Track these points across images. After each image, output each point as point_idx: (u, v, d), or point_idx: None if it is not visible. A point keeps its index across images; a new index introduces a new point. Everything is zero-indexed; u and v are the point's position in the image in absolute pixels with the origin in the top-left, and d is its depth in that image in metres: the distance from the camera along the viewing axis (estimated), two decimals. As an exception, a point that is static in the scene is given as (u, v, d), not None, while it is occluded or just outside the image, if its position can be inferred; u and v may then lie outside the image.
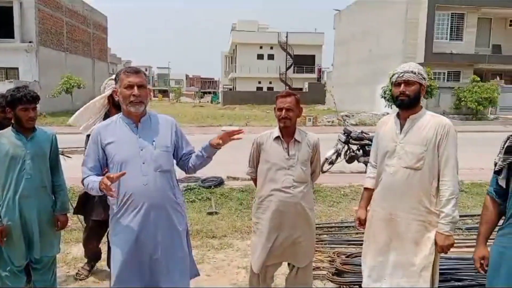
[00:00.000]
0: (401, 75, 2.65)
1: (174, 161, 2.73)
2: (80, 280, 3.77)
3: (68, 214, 3.26)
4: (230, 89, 52.40)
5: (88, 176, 2.53)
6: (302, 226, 3.00)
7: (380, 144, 2.83)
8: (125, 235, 2.49)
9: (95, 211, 3.67)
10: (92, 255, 3.95)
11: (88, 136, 3.59)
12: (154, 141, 2.55)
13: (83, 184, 2.58)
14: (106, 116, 3.68)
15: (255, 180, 3.20)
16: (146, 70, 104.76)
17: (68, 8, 29.15)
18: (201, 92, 69.40)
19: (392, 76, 2.72)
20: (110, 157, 2.52)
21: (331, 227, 5.24)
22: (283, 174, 2.95)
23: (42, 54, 25.03)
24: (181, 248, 2.62)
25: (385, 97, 19.44)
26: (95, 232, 3.83)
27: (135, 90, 2.48)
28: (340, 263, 3.89)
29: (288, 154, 2.96)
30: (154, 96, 65.35)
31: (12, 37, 24.33)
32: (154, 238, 2.51)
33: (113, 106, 3.67)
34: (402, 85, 2.65)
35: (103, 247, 4.14)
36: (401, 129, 2.71)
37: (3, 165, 2.89)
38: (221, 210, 6.05)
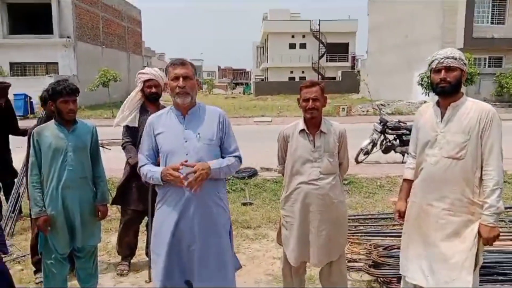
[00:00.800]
0: (441, 61, 2.55)
1: None
2: (122, 275, 3.83)
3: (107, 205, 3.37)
4: (262, 80, 52.29)
5: (145, 164, 2.61)
6: (331, 218, 2.95)
7: (420, 134, 2.74)
8: (165, 224, 2.55)
9: (132, 201, 3.78)
10: (127, 250, 3.96)
11: (125, 126, 3.72)
12: (199, 133, 2.56)
13: (139, 172, 2.67)
14: (142, 108, 3.78)
15: (284, 174, 3.15)
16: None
17: (103, 3, 29.84)
18: (233, 83, 69.66)
19: (432, 62, 2.62)
20: (160, 147, 2.59)
21: (367, 219, 5.16)
22: (309, 167, 2.91)
23: (80, 49, 25.82)
24: (219, 241, 2.61)
25: (422, 85, 18.83)
26: (132, 222, 3.92)
27: (180, 82, 2.51)
28: (377, 255, 3.83)
29: (314, 146, 2.91)
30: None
31: (51, 33, 25.22)
32: (192, 229, 2.53)
33: (146, 99, 3.77)
34: (443, 72, 2.54)
35: (140, 237, 4.25)
36: (441, 118, 2.61)
37: (47, 156, 3.01)
38: (255, 200, 6.09)
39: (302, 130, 2.94)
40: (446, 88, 2.55)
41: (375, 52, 33.81)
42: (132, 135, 3.75)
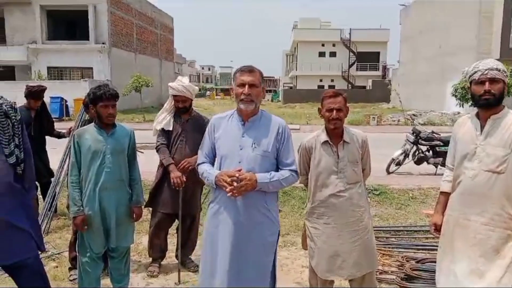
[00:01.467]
0: (485, 73, 2.48)
1: None
2: (153, 277, 3.88)
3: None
4: (291, 88, 52.25)
5: (203, 163, 2.69)
6: (362, 228, 2.90)
7: (459, 146, 2.66)
8: (212, 226, 2.62)
9: (163, 204, 3.84)
10: (158, 252, 4.02)
11: (161, 129, 3.83)
12: (254, 142, 2.56)
13: (197, 168, 2.75)
14: (176, 113, 3.93)
15: (307, 185, 3.09)
16: (209, 69, 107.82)
17: (137, 10, 30.64)
18: (262, 90, 69.74)
19: (474, 73, 2.55)
20: (217, 149, 2.65)
21: (399, 231, 5.06)
22: (335, 178, 2.85)
23: (114, 55, 26.55)
24: (257, 253, 2.59)
25: (456, 96, 18.37)
26: (163, 225, 3.98)
27: (246, 89, 2.53)
28: (410, 268, 3.74)
29: (338, 157, 2.86)
30: (216, 95, 66.81)
31: (87, 39, 26.05)
32: (238, 236, 2.55)
33: (176, 108, 3.91)
34: (487, 84, 2.47)
35: (170, 240, 4.30)
36: (481, 130, 2.54)
37: (86, 158, 3.10)
38: (283, 208, 6.06)
39: (325, 142, 2.87)
40: (491, 100, 2.48)
41: (407, 61, 33.27)
42: (166, 138, 3.87)
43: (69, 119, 20.26)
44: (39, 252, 3.00)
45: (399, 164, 8.66)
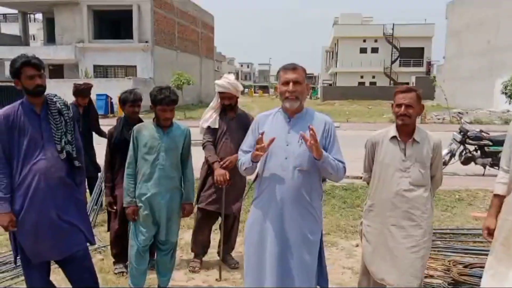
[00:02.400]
0: None
1: None
2: (194, 272, 3.93)
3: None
4: (330, 84, 51.57)
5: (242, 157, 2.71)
6: (416, 234, 2.76)
7: (515, 147, 2.52)
8: (256, 223, 2.62)
9: (208, 201, 3.89)
10: (200, 249, 4.06)
11: (208, 127, 3.86)
12: (301, 139, 2.54)
13: (237, 166, 2.78)
14: (222, 111, 3.96)
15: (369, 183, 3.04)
16: (248, 67, 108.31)
17: (179, 9, 31.21)
18: (301, 87, 69.24)
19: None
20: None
21: (445, 234, 4.86)
22: (398, 176, 2.77)
23: (157, 53, 27.20)
24: (301, 251, 2.57)
25: (506, 93, 17.49)
26: (206, 222, 4.03)
27: (290, 86, 2.53)
28: (458, 273, 3.59)
29: (405, 155, 2.77)
30: (255, 92, 67.07)
31: (131, 37, 26.83)
32: (282, 234, 2.54)
33: (222, 105, 3.94)
34: None
35: (213, 236, 4.34)
36: (541, 130, 2.39)
37: (142, 153, 3.23)
38: (323, 207, 5.96)
39: (394, 137, 2.81)
40: None
41: (453, 57, 32.00)
42: (212, 135, 3.91)
43: (113, 116, 20.93)
44: (88, 245, 3.12)
45: (444, 164, 8.34)
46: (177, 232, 3.43)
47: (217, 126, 3.89)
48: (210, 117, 3.93)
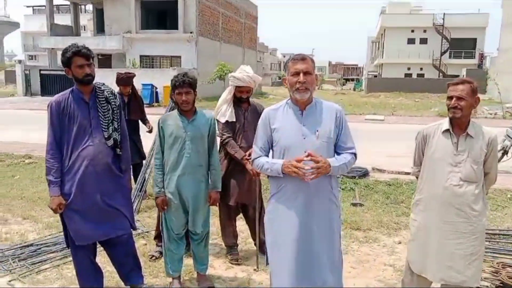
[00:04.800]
0: None
1: None
2: (238, 264, 3.94)
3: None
4: (375, 76, 50.25)
5: (259, 156, 2.66)
6: (465, 231, 2.67)
7: None
8: (285, 220, 2.57)
9: (231, 195, 3.87)
10: (232, 238, 4.06)
11: (226, 122, 3.81)
12: (317, 130, 2.54)
13: (252, 163, 2.74)
14: (235, 103, 3.90)
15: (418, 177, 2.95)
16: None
17: (224, 0, 31.34)
18: (343, 79, 68.11)
19: None
20: (275, 141, 2.61)
21: (494, 234, 4.64)
22: (449, 171, 2.68)
23: (201, 44, 27.52)
24: (333, 239, 2.60)
25: None
26: (231, 215, 4.04)
27: (301, 77, 2.49)
28: (507, 276, 3.42)
29: (457, 149, 2.68)
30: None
31: (176, 28, 27.27)
32: (308, 225, 2.53)
33: (235, 98, 3.89)
34: None
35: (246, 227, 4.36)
36: None
37: (168, 143, 3.26)
38: (365, 202, 5.86)
39: (446, 130, 2.73)
40: None
41: (508, 49, 30.22)
42: (231, 129, 3.85)
43: (158, 105, 21.47)
44: (131, 230, 3.23)
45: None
46: (206, 221, 3.44)
47: (234, 119, 3.84)
48: (226, 110, 3.84)
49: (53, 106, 2.91)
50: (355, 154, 2.64)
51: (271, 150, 2.68)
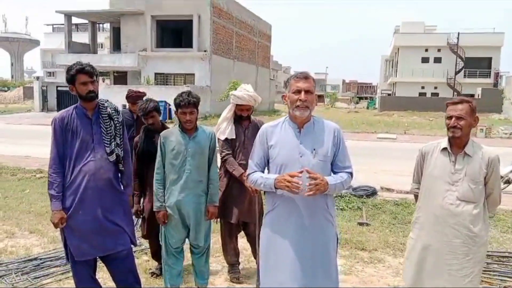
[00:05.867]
0: None
1: None
2: (239, 283, 3.92)
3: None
4: (389, 94, 50.06)
5: (254, 172, 2.67)
6: (459, 252, 2.64)
7: None
8: (279, 237, 2.56)
9: (231, 214, 3.86)
10: (233, 256, 4.04)
11: (225, 139, 3.82)
12: (314, 149, 2.55)
13: (247, 178, 2.74)
14: (235, 121, 3.92)
15: (417, 197, 2.95)
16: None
17: (238, 19, 31.84)
18: (357, 97, 68.01)
19: None
20: (272, 158, 2.62)
21: (504, 257, 4.52)
22: (445, 190, 2.67)
23: (214, 62, 27.88)
24: (325, 259, 2.57)
25: None
26: (232, 233, 4.02)
27: (302, 95, 2.52)
28: (515, 302, 3.32)
29: (454, 168, 2.67)
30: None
31: (191, 46, 27.72)
32: (302, 242, 2.51)
33: (236, 116, 3.91)
34: None
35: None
36: None
37: (169, 159, 3.30)
38: (372, 221, 5.78)
39: (445, 149, 2.74)
40: None
41: (525, 68, 29.88)
42: (230, 146, 3.87)
43: (171, 121, 21.69)
44: (132, 246, 3.24)
45: (508, 182, 7.77)
46: (207, 236, 3.46)
47: (234, 137, 3.86)
48: (226, 128, 3.87)
49: (57, 122, 2.97)
50: (351, 174, 2.64)
51: (267, 167, 2.68)
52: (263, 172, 2.67)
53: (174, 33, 30.61)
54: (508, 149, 12.68)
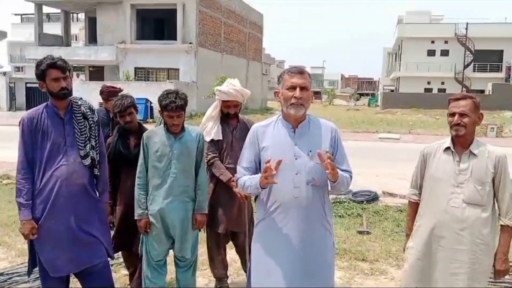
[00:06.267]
0: None
1: None
2: None
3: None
4: (392, 91, 50.44)
5: (242, 176, 2.67)
6: (464, 260, 2.67)
7: None
8: (269, 246, 2.58)
9: (218, 223, 3.85)
10: (222, 269, 4.04)
11: (211, 141, 3.80)
12: (310, 151, 2.55)
13: (236, 184, 2.74)
14: (222, 120, 3.91)
15: (414, 206, 2.96)
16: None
17: (226, 8, 31.84)
18: (357, 93, 68.39)
19: None
20: (265, 161, 2.58)
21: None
22: (450, 192, 2.69)
23: (201, 55, 27.85)
24: (321, 270, 2.60)
25: None
26: (220, 243, 4.02)
27: (297, 92, 2.52)
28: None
29: (459, 168, 2.70)
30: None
31: (175, 38, 27.66)
32: (300, 255, 2.53)
33: (224, 115, 3.91)
34: None
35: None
36: None
37: (153, 162, 3.29)
38: (373, 230, 5.83)
39: (448, 148, 2.77)
40: None
41: (539, 61, 30.31)
42: (216, 148, 3.85)
43: (153, 121, 21.61)
44: (109, 259, 3.23)
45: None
46: (194, 247, 3.45)
47: (221, 138, 3.83)
48: (211, 128, 3.84)
49: (25, 122, 2.96)
50: (351, 176, 2.67)
51: (259, 172, 2.66)
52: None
53: (156, 24, 30.51)
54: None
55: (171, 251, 3.49)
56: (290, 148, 2.56)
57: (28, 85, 28.66)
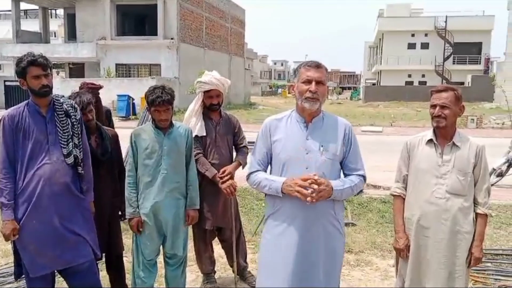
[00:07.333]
0: None
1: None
2: None
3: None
4: (374, 84, 50.87)
5: (257, 171, 2.65)
6: (454, 249, 2.74)
7: None
8: (278, 242, 2.57)
9: (206, 220, 3.82)
10: (209, 265, 4.05)
11: (195, 137, 3.72)
12: (322, 146, 2.54)
13: (247, 178, 2.72)
14: (205, 115, 3.88)
15: (399, 200, 2.97)
16: (282, 65, 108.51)
17: (208, 3, 31.63)
18: (340, 87, 68.78)
19: None
20: (276, 154, 2.61)
21: (497, 254, 4.68)
22: (434, 183, 2.74)
23: (182, 51, 27.64)
24: (330, 268, 2.58)
25: None
26: (207, 239, 4.01)
27: (313, 86, 2.51)
28: (509, 301, 3.45)
29: (442, 160, 2.74)
30: (289, 93, 66.97)
31: (156, 34, 27.40)
32: (308, 254, 2.53)
33: (207, 108, 3.89)
34: None
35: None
36: None
37: (142, 159, 3.26)
38: (358, 221, 5.89)
39: (430, 140, 2.81)
40: None
41: (516, 53, 30.88)
42: (200, 145, 3.82)
43: (135, 117, 21.41)
44: (95, 258, 3.19)
45: (501, 175, 8.05)
46: (185, 244, 3.43)
47: (204, 134, 3.80)
48: (195, 124, 3.80)
49: (6, 121, 2.90)
50: (364, 177, 2.64)
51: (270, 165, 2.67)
52: (265, 171, 2.67)
53: (137, 19, 30.17)
54: (500, 140, 13.07)
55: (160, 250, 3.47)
56: (302, 142, 2.55)
57: (7, 83, 28.04)
